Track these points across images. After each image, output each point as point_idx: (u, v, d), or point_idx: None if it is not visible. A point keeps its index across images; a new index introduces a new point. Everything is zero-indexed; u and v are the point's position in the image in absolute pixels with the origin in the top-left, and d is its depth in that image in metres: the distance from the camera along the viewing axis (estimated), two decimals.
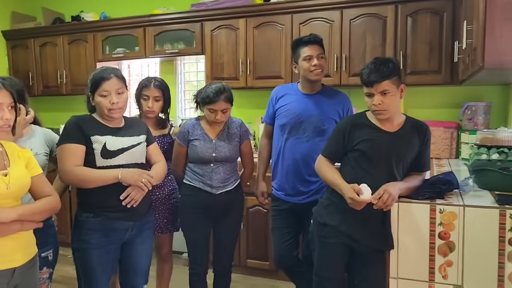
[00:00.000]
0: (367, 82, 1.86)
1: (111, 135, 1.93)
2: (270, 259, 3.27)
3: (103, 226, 1.90)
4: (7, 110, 1.51)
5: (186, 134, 2.32)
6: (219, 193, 2.32)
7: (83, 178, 1.85)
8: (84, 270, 1.94)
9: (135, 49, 3.96)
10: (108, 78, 1.90)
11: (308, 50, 2.33)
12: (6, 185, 1.49)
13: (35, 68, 4.37)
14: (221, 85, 2.27)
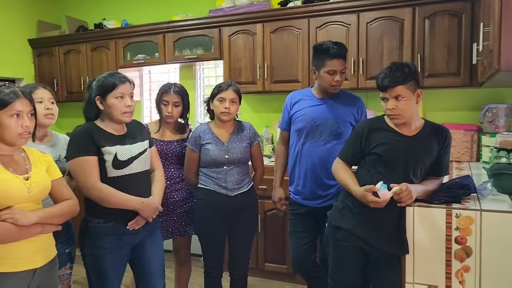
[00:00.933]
0: (381, 87, 1.87)
1: (120, 145, 1.94)
2: (288, 262, 3.28)
3: (115, 231, 1.94)
4: (27, 118, 1.57)
5: (197, 139, 2.36)
6: (234, 195, 2.35)
7: (106, 198, 1.87)
8: (98, 275, 1.96)
9: (155, 55, 4.04)
10: (124, 81, 1.94)
11: (334, 64, 2.27)
12: (27, 189, 1.55)
13: (59, 75, 4.51)
14: (230, 81, 2.43)
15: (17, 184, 1.54)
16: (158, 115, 2.55)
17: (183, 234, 2.54)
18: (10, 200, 1.52)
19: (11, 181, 1.53)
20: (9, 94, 1.53)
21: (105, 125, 1.96)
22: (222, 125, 2.38)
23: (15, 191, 1.52)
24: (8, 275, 1.52)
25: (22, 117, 1.55)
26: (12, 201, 1.52)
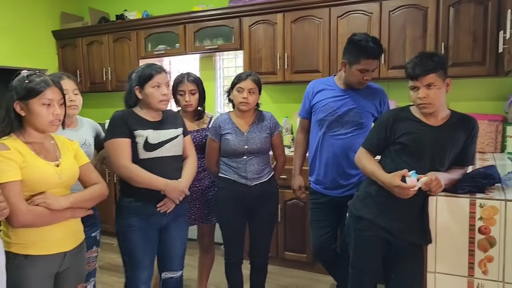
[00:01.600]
0: (412, 75, 1.84)
1: (152, 129, 2.04)
2: (308, 251, 3.30)
3: (144, 211, 2.04)
4: (57, 106, 1.62)
5: (218, 129, 2.39)
6: (254, 185, 2.37)
7: (134, 177, 1.98)
8: (127, 252, 2.07)
9: (176, 45, 4.07)
10: (159, 71, 2.05)
11: (368, 64, 2.25)
12: (58, 175, 1.61)
13: (82, 65, 4.59)
14: (251, 71, 2.43)
15: (49, 170, 1.59)
16: (176, 106, 2.58)
17: (206, 221, 2.58)
18: (42, 186, 1.57)
19: (43, 167, 1.58)
20: (40, 83, 1.57)
21: (142, 112, 2.07)
22: (242, 115, 2.40)
23: (47, 177, 1.58)
24: (41, 257, 1.59)
25: (53, 105, 1.60)
26: (44, 187, 1.58)
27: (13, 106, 1.57)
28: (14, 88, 1.58)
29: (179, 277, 2.26)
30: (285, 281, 3.21)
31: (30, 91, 1.57)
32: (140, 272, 2.07)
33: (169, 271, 2.21)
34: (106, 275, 3.31)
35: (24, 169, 1.53)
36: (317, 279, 3.24)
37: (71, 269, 1.73)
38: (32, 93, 1.57)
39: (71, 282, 1.74)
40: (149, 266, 2.10)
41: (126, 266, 2.11)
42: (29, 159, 1.55)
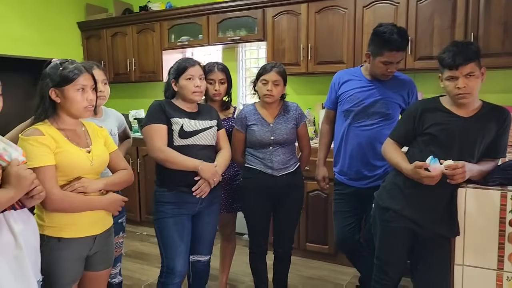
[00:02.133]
0: (451, 65, 1.79)
1: (188, 118, 2.12)
2: (330, 243, 3.30)
3: (177, 199, 2.10)
4: (90, 92, 1.65)
5: (243, 120, 2.40)
6: (280, 175, 2.37)
7: (170, 159, 2.05)
8: (163, 239, 2.13)
9: (199, 37, 4.09)
10: (193, 64, 2.13)
11: (391, 57, 2.20)
12: (90, 161, 1.65)
13: (107, 56, 4.66)
14: (276, 62, 2.41)
15: (81, 156, 1.63)
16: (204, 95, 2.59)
17: (229, 210, 2.61)
18: (75, 171, 1.61)
19: (76, 153, 1.62)
20: (74, 70, 1.61)
21: (178, 103, 2.17)
22: (267, 106, 2.39)
23: (80, 163, 1.62)
24: (73, 240, 1.63)
25: (86, 91, 1.64)
26: (77, 172, 1.62)
27: (49, 93, 1.60)
28: (49, 75, 1.61)
29: (206, 261, 2.32)
30: (307, 272, 3.21)
31: (65, 78, 1.60)
32: (176, 259, 2.12)
33: (197, 255, 2.27)
34: (130, 262, 3.37)
35: (57, 155, 1.56)
36: (339, 270, 3.23)
37: (100, 253, 1.77)
38: (66, 79, 1.60)
39: (100, 266, 1.79)
40: (185, 253, 2.15)
41: (163, 254, 2.16)
42: (62, 145, 1.59)
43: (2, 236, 1.30)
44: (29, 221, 1.43)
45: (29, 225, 1.42)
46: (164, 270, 2.16)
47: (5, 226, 1.31)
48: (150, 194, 4.18)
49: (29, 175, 1.35)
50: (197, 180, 2.08)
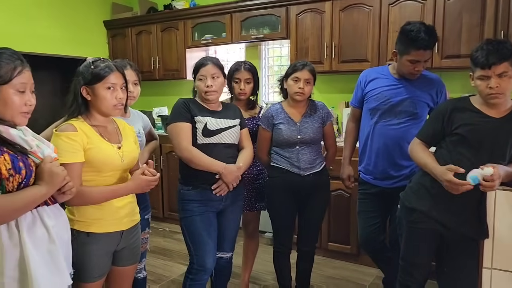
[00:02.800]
0: (484, 64, 1.74)
1: (211, 117, 2.13)
2: (352, 243, 3.28)
3: (201, 197, 2.12)
4: (120, 90, 1.68)
5: (270, 119, 2.40)
6: (307, 175, 2.36)
7: (195, 160, 2.06)
8: (191, 236, 2.15)
9: (222, 35, 4.10)
10: (205, 64, 2.13)
11: (418, 55, 2.16)
12: (120, 158, 1.67)
13: (131, 55, 4.72)
14: (305, 60, 2.41)
15: (112, 152, 1.66)
16: (229, 93, 2.61)
17: (252, 209, 2.62)
18: (106, 167, 1.65)
19: (107, 149, 1.65)
20: (104, 68, 1.64)
21: (201, 101, 2.19)
22: (295, 104, 2.39)
23: (111, 159, 1.65)
24: (101, 235, 1.67)
25: (116, 89, 1.66)
26: (108, 168, 1.65)
27: (80, 91, 1.64)
28: (81, 73, 1.65)
29: (229, 257, 2.34)
30: (329, 271, 3.20)
31: (96, 76, 1.63)
32: (206, 256, 2.13)
33: (220, 252, 2.28)
34: (153, 257, 3.42)
35: (89, 150, 1.59)
36: (361, 271, 3.21)
37: (127, 249, 1.80)
38: (97, 78, 1.63)
39: (127, 261, 1.81)
40: (213, 250, 2.17)
41: (192, 251, 2.18)
42: (94, 141, 1.62)
43: (36, 231, 1.33)
44: (61, 216, 1.47)
45: (61, 220, 1.46)
46: (194, 267, 2.17)
47: (38, 221, 1.35)
48: (173, 191, 4.24)
49: (61, 172, 1.38)
50: (218, 178, 2.09)
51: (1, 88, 1.30)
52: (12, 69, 1.31)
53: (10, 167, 1.27)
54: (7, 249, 1.27)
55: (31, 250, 1.29)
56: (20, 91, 1.34)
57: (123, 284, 1.86)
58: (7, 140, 1.31)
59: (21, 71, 1.34)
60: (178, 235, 4.01)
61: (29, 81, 1.37)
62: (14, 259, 1.28)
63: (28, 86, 1.36)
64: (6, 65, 1.31)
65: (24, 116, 1.37)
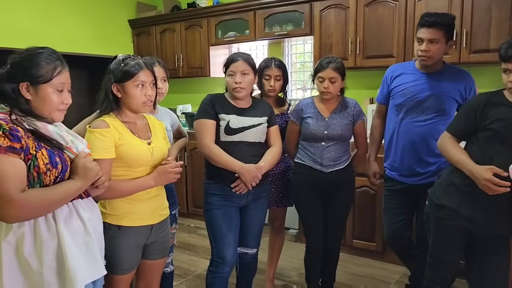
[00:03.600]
0: (504, 57, 1.74)
1: (235, 115, 2.14)
2: (377, 240, 3.25)
3: (222, 191, 2.16)
4: (149, 87, 1.71)
5: (300, 112, 2.40)
6: (329, 172, 2.35)
7: (214, 157, 2.10)
8: (212, 229, 2.19)
9: (246, 32, 4.12)
10: (236, 60, 2.13)
11: (421, 32, 2.19)
12: (151, 153, 1.71)
13: (156, 53, 4.77)
14: (332, 57, 2.36)
15: (142, 148, 1.70)
16: (259, 90, 2.61)
17: (279, 205, 2.63)
18: (137, 162, 1.68)
19: (138, 145, 1.69)
20: (134, 66, 1.67)
21: (229, 97, 2.20)
22: (325, 100, 2.38)
23: (141, 154, 1.68)
24: (132, 229, 1.71)
25: (146, 87, 1.69)
26: (138, 163, 1.69)
27: (111, 88, 1.68)
28: (112, 71, 1.69)
29: (254, 253, 2.35)
30: (354, 269, 3.18)
31: (125, 74, 1.67)
32: (225, 249, 2.16)
33: (244, 247, 2.31)
34: (179, 253, 3.46)
35: (120, 146, 1.64)
36: (386, 268, 3.18)
37: (156, 243, 1.83)
38: (127, 76, 1.67)
39: (156, 255, 1.86)
40: (234, 243, 2.19)
41: (213, 244, 2.21)
42: (125, 137, 1.66)
43: (73, 223, 1.38)
44: (95, 209, 1.51)
45: (95, 213, 1.50)
46: (215, 259, 2.21)
47: (74, 213, 1.39)
48: (197, 187, 4.29)
49: (94, 167, 1.43)
50: (237, 176, 2.11)
51: (41, 87, 1.35)
52: (53, 69, 1.36)
53: (48, 161, 1.32)
54: (45, 241, 1.31)
55: (68, 242, 1.34)
56: (59, 90, 1.38)
57: (152, 278, 1.91)
58: (45, 136, 1.36)
59: (61, 71, 1.39)
60: (203, 231, 4.05)
61: (67, 80, 1.42)
62: (52, 250, 1.32)
63: (66, 86, 1.42)
64: (47, 65, 1.36)
65: (60, 113, 1.42)
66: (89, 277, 1.40)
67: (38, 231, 1.31)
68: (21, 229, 1.29)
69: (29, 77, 1.33)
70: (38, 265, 1.30)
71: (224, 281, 2.24)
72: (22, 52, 1.37)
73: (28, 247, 1.30)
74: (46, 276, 1.30)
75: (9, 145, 1.23)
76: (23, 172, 1.27)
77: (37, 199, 1.28)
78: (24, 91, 1.33)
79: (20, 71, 1.33)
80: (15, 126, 1.27)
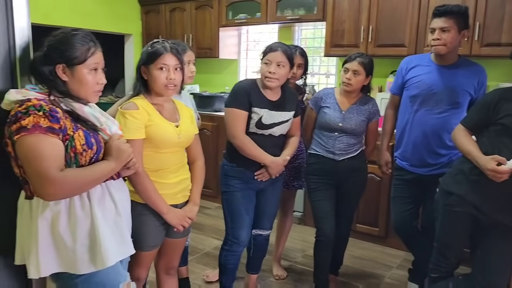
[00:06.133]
0: None
1: (268, 109, 2.15)
2: (380, 225, 3.35)
3: (244, 175, 2.21)
4: (172, 71, 1.74)
5: (319, 100, 2.45)
6: (341, 160, 2.40)
7: (245, 149, 2.13)
8: (230, 210, 2.25)
9: (257, 15, 4.11)
10: (275, 49, 2.12)
11: (433, 22, 2.25)
12: (177, 135, 1.76)
13: (165, 32, 4.77)
14: (364, 53, 2.40)
15: (170, 129, 1.75)
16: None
17: (290, 188, 2.71)
18: (164, 143, 1.74)
19: (165, 126, 1.74)
20: (159, 49, 1.72)
21: (261, 87, 2.18)
22: (346, 94, 2.41)
23: (169, 136, 1.74)
24: None
25: (168, 70, 1.73)
26: (165, 144, 1.74)
27: (140, 71, 1.73)
28: (141, 54, 1.74)
29: (267, 235, 2.44)
30: (357, 252, 3.29)
31: (150, 56, 1.72)
32: (240, 230, 2.24)
33: (259, 229, 2.38)
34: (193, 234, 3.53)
35: (149, 127, 1.69)
36: (388, 253, 3.29)
37: None
38: (151, 58, 1.72)
39: (178, 234, 1.92)
40: (249, 225, 2.27)
41: (229, 224, 2.28)
42: (154, 118, 1.72)
43: (105, 204, 1.43)
44: (125, 190, 1.56)
45: (125, 193, 1.55)
46: (229, 238, 2.28)
47: (107, 194, 1.44)
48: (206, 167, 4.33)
49: (127, 149, 1.47)
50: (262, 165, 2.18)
51: (77, 68, 1.38)
52: (87, 50, 1.39)
53: (84, 142, 1.36)
54: (79, 219, 1.36)
55: (101, 221, 1.39)
56: (93, 70, 1.42)
57: (173, 255, 1.99)
58: (81, 117, 1.40)
59: (94, 52, 1.41)
60: (208, 210, 4.15)
61: (101, 60, 1.45)
62: (85, 228, 1.37)
63: (99, 66, 1.44)
64: (81, 46, 1.38)
65: (96, 94, 1.45)
66: (119, 256, 1.46)
67: (73, 209, 1.36)
68: (57, 206, 1.34)
69: (65, 59, 1.36)
70: (71, 242, 1.35)
71: (237, 259, 2.34)
72: (58, 34, 1.39)
73: (63, 224, 1.35)
74: (78, 253, 1.36)
75: (48, 125, 1.26)
76: (61, 152, 1.31)
77: (74, 179, 1.32)
78: (60, 72, 1.36)
79: (56, 53, 1.36)
80: (54, 107, 1.31)
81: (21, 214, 1.39)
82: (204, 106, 4.34)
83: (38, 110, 1.26)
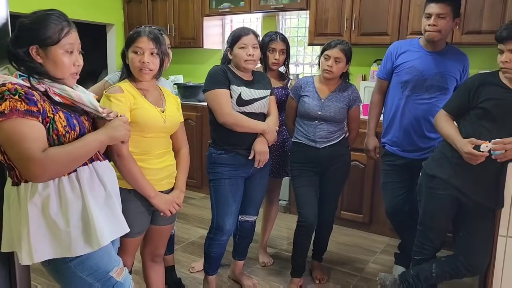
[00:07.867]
0: (498, 38, 1.85)
1: (245, 87, 2.18)
2: (364, 212, 3.40)
3: (234, 161, 2.20)
4: (146, 55, 1.70)
5: (298, 89, 2.45)
6: (323, 147, 2.41)
7: (239, 122, 2.13)
8: (218, 198, 2.24)
9: (240, 4, 4.09)
10: (247, 33, 2.16)
11: (430, 7, 2.26)
12: (163, 120, 1.75)
13: (147, 22, 4.70)
14: (343, 40, 2.39)
15: (155, 113, 1.74)
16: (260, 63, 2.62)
17: (276, 176, 2.71)
18: (149, 128, 1.73)
19: (151, 110, 1.73)
20: (135, 34, 1.73)
21: (235, 69, 2.22)
22: (325, 81, 2.41)
23: (154, 120, 1.73)
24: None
25: (142, 53, 1.71)
26: (151, 128, 1.73)
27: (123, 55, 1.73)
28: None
29: (253, 221, 2.45)
30: (342, 238, 3.32)
31: (127, 41, 1.74)
32: (227, 218, 2.23)
33: (246, 215, 2.40)
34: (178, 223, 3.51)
35: (134, 111, 1.68)
36: (372, 238, 3.34)
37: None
38: (128, 41, 1.74)
39: (164, 221, 1.91)
40: (235, 213, 2.27)
41: (214, 212, 2.27)
42: (139, 102, 1.70)
43: (94, 185, 1.41)
44: (112, 171, 1.54)
45: (113, 174, 1.53)
46: (214, 227, 2.28)
47: (95, 174, 1.42)
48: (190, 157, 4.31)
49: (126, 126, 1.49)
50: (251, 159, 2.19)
51: (50, 49, 1.34)
52: (60, 30, 1.34)
53: (65, 124, 1.34)
54: (70, 201, 1.35)
55: (92, 202, 1.38)
56: (69, 51, 1.37)
57: (159, 243, 1.99)
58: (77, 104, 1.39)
59: (68, 32, 1.36)
60: (193, 201, 4.14)
61: (76, 41, 1.40)
62: (77, 210, 1.36)
63: (75, 47, 1.40)
64: (54, 26, 1.33)
65: (73, 77, 1.42)
66: (114, 234, 1.46)
67: (63, 192, 1.34)
68: (46, 190, 1.32)
69: (37, 40, 1.32)
70: (65, 225, 1.34)
71: (221, 248, 2.34)
72: (30, 16, 1.35)
73: (54, 208, 1.33)
74: (73, 235, 1.35)
75: (26, 108, 1.24)
76: (42, 134, 1.28)
77: (58, 156, 1.29)
78: (34, 54, 1.33)
79: (28, 34, 1.32)
80: (30, 90, 1.28)
81: (8, 202, 1.37)
82: (188, 97, 4.31)
83: (13, 94, 1.23)
